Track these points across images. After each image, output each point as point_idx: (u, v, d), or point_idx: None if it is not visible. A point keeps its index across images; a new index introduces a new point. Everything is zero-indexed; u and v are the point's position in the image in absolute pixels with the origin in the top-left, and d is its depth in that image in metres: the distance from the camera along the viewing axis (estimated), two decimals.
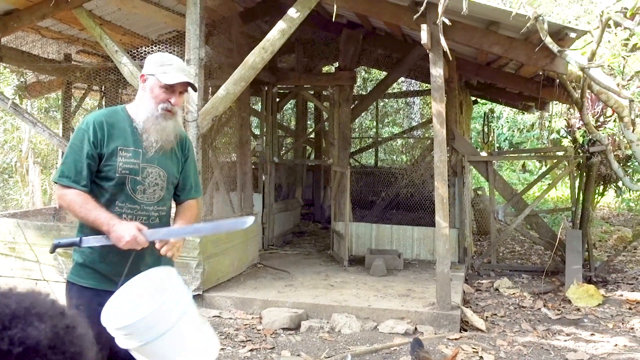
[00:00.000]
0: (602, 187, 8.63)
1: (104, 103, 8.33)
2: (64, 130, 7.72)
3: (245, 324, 5.01)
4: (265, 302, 5.31)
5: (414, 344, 3.63)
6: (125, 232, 2.29)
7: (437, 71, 5.04)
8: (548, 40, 4.60)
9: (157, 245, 2.40)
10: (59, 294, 5.53)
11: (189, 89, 2.58)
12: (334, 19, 5.62)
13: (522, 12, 4.57)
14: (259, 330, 4.88)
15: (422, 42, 4.96)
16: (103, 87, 8.11)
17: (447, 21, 4.46)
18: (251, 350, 4.39)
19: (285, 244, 8.57)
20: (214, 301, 5.41)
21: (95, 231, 2.38)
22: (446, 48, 4.68)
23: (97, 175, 2.44)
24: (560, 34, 4.93)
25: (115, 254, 2.43)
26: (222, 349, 4.41)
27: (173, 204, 2.71)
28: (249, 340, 4.61)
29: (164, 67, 2.48)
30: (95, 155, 2.42)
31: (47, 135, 6.14)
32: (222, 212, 6.67)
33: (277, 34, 4.93)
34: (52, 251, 2.43)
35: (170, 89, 2.48)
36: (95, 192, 2.44)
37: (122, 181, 2.44)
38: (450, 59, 5.34)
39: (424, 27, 4.86)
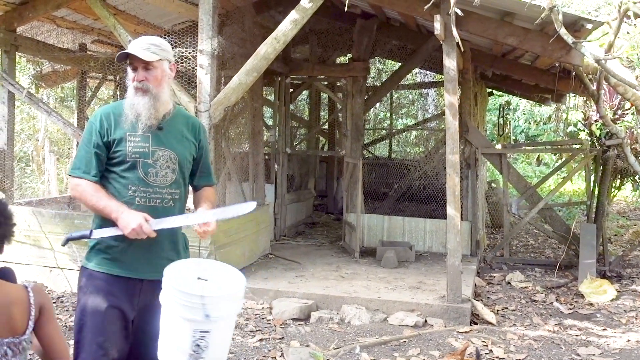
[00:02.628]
0: (618, 180, 8.49)
1: (118, 92, 8.39)
2: (79, 119, 7.78)
3: (255, 314, 5.04)
4: (276, 293, 5.33)
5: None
6: (132, 220, 2.36)
7: (450, 62, 4.98)
8: (563, 32, 4.53)
9: (197, 228, 2.57)
10: (73, 281, 5.58)
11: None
12: (346, 9, 5.58)
13: (538, 2, 4.50)
14: (268, 320, 4.91)
15: (435, 33, 4.91)
16: (118, 77, 8.16)
17: (459, 12, 4.41)
18: (260, 340, 4.41)
19: (297, 235, 8.58)
20: None
21: (107, 220, 2.43)
22: (458, 39, 4.63)
23: (110, 162, 2.51)
24: (577, 25, 4.85)
25: (129, 239, 2.46)
26: (232, 338, 4.44)
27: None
28: (259, 330, 4.63)
29: (132, 46, 2.53)
30: (102, 144, 2.49)
31: (62, 124, 6.19)
32: (235, 202, 6.69)
33: (290, 24, 4.91)
34: (64, 244, 2.50)
35: (132, 67, 2.52)
36: (109, 179, 2.52)
37: (134, 165, 2.49)
38: (463, 50, 5.27)
39: (437, 17, 4.81)
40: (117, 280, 2.47)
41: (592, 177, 7.44)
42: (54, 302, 5.38)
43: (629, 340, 4.58)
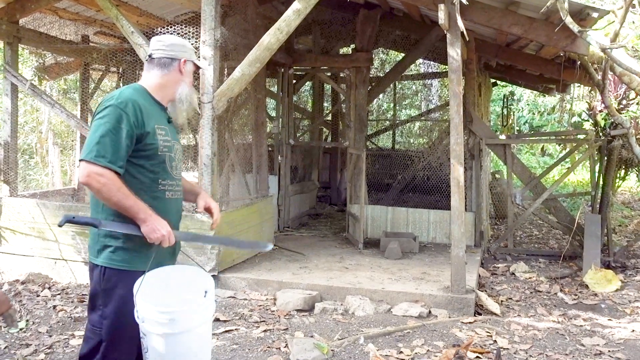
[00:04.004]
0: (623, 171, 8.46)
1: (121, 84, 8.37)
2: (82, 111, 7.77)
3: (260, 305, 5.05)
4: (280, 284, 5.34)
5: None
6: (163, 226, 2.37)
7: (454, 52, 4.95)
8: (568, 20, 4.49)
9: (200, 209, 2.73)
10: (78, 273, 5.60)
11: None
12: None
13: None
14: (273, 311, 4.92)
15: (439, 23, 4.88)
16: (120, 69, 8.14)
17: (464, 0, 4.38)
18: (265, 331, 4.42)
19: (300, 226, 8.59)
20: (228, 282, 5.46)
21: (122, 216, 2.38)
22: (463, 28, 4.59)
23: (138, 155, 2.43)
24: (582, 14, 4.81)
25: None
26: (236, 329, 4.45)
27: None
28: (263, 321, 4.64)
29: (194, 53, 2.72)
30: (134, 135, 2.40)
31: (65, 116, 6.18)
32: (238, 193, 6.69)
33: (293, 14, 4.88)
34: (62, 224, 2.41)
35: (195, 68, 2.74)
36: (134, 173, 2.44)
37: (164, 159, 2.52)
38: (467, 39, 5.24)
39: (441, 7, 4.78)
40: (138, 275, 2.44)
41: (597, 168, 7.41)
42: (59, 294, 5.40)
43: (633, 331, 4.57)
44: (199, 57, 5.39)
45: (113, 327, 2.42)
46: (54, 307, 4.99)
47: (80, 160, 2.36)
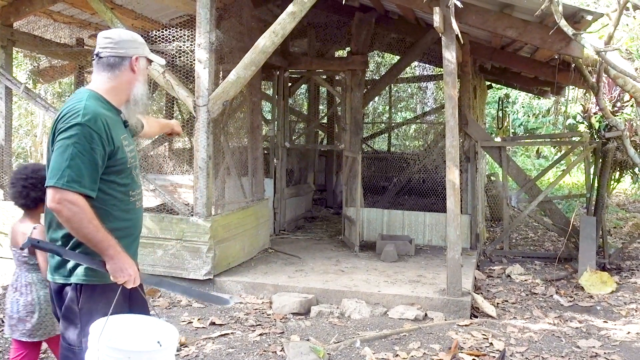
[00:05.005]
0: (618, 173, 8.49)
1: None
2: None
3: (256, 309, 5.03)
4: (276, 287, 5.32)
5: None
6: (130, 266, 2.25)
7: (449, 55, 4.96)
8: (563, 23, 4.51)
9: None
10: None
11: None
12: (345, 2, 5.55)
13: None
14: (268, 314, 4.90)
15: (434, 25, 4.89)
16: None
17: (459, 4, 4.39)
18: (261, 334, 4.40)
19: (296, 229, 8.57)
20: (224, 286, 5.44)
21: (86, 246, 2.24)
22: (458, 31, 4.60)
23: (109, 172, 2.30)
24: (576, 17, 4.83)
25: (134, 245, 2.47)
26: (232, 333, 4.44)
27: None
28: (259, 325, 4.63)
29: (146, 46, 2.48)
30: (106, 154, 2.26)
31: None
32: (234, 196, 6.68)
33: (288, 17, 4.88)
34: (24, 248, 2.30)
35: (148, 63, 2.54)
36: (106, 190, 2.31)
37: (131, 170, 2.42)
38: (462, 42, 5.25)
39: (436, 9, 4.79)
40: (116, 287, 2.33)
41: (592, 170, 7.43)
42: None
43: (629, 333, 4.58)
44: (192, 63, 5.38)
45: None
46: None
47: (48, 187, 2.17)
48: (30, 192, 2.94)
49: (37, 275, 3.06)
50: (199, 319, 4.70)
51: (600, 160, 7.24)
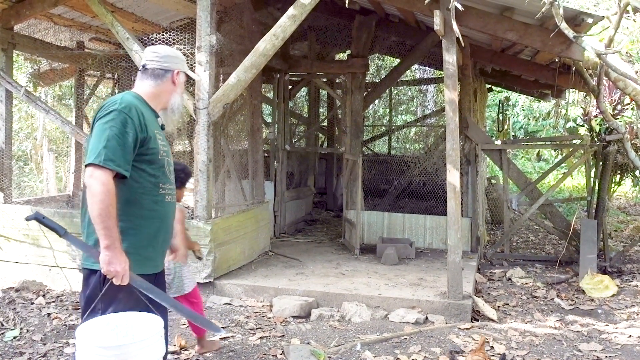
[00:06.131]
0: (618, 176, 8.50)
1: (117, 90, 8.35)
2: (77, 117, 7.75)
3: (256, 312, 5.02)
4: (276, 290, 5.31)
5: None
6: (122, 262, 2.34)
7: (450, 58, 4.96)
8: (564, 26, 4.51)
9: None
10: (73, 280, 5.55)
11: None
12: (347, 5, 5.56)
13: None
14: (269, 318, 4.89)
15: (435, 29, 4.89)
16: (115, 75, 8.12)
17: (459, 6, 4.39)
18: (261, 337, 4.39)
19: (297, 232, 8.56)
20: (224, 289, 5.43)
21: (94, 234, 2.38)
22: (458, 34, 4.60)
23: (140, 159, 2.47)
24: (577, 20, 4.82)
25: (160, 237, 2.59)
26: (232, 336, 4.42)
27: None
28: (259, 328, 4.62)
29: (185, 63, 2.77)
30: (139, 139, 2.44)
31: (60, 122, 6.16)
32: (234, 199, 6.68)
33: (288, 20, 4.88)
34: (29, 219, 2.42)
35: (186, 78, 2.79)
36: (137, 177, 2.47)
37: (163, 164, 2.59)
38: (463, 45, 5.25)
39: (437, 12, 4.79)
40: (147, 278, 2.53)
41: (592, 173, 7.42)
42: (53, 301, 5.36)
43: (630, 336, 4.56)
44: (192, 66, 5.40)
45: None
46: (49, 314, 4.95)
47: (86, 165, 2.35)
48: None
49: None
50: None
51: (601, 163, 7.24)
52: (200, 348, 4.04)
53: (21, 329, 4.59)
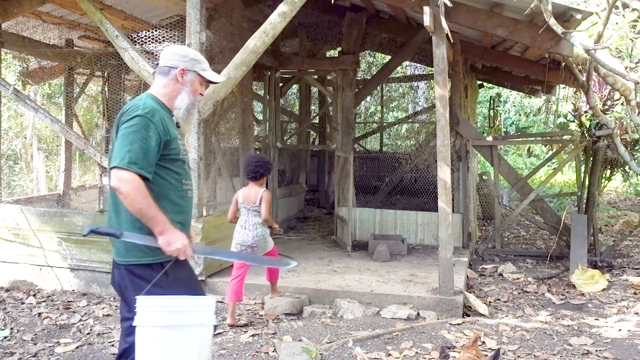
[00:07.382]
0: (609, 171, 8.52)
1: (106, 89, 8.31)
2: (67, 116, 7.70)
3: (248, 309, 5.02)
4: (268, 288, 5.30)
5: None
6: (180, 239, 2.50)
7: (440, 54, 4.97)
8: (552, 22, 4.52)
9: None
10: (63, 280, 5.51)
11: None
12: (336, 2, 5.55)
13: None
14: (261, 315, 4.89)
15: (424, 25, 4.89)
16: (105, 73, 8.07)
17: (448, 3, 4.39)
18: (253, 335, 4.39)
19: (289, 230, 8.56)
20: (216, 287, 5.42)
21: (142, 226, 2.49)
22: (447, 30, 4.61)
23: (165, 159, 2.58)
24: (566, 16, 4.84)
25: (185, 230, 2.68)
26: (222, 332, 4.42)
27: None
28: (251, 326, 4.61)
29: (201, 64, 2.75)
30: (162, 142, 2.54)
31: (49, 121, 6.12)
32: (225, 197, 6.66)
33: (278, 17, 4.87)
34: (86, 234, 2.52)
35: (205, 84, 2.81)
36: (163, 175, 2.58)
37: (184, 161, 2.73)
38: (453, 41, 5.26)
39: (426, 9, 4.79)
40: (175, 263, 2.60)
41: (583, 168, 7.46)
42: (44, 301, 5.33)
43: (620, 330, 4.60)
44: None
45: None
46: (39, 314, 4.92)
47: (111, 168, 2.47)
48: (258, 169, 4.65)
49: (259, 219, 4.66)
50: None
51: (591, 159, 7.28)
52: (273, 293, 5.04)
53: (11, 329, 4.56)
